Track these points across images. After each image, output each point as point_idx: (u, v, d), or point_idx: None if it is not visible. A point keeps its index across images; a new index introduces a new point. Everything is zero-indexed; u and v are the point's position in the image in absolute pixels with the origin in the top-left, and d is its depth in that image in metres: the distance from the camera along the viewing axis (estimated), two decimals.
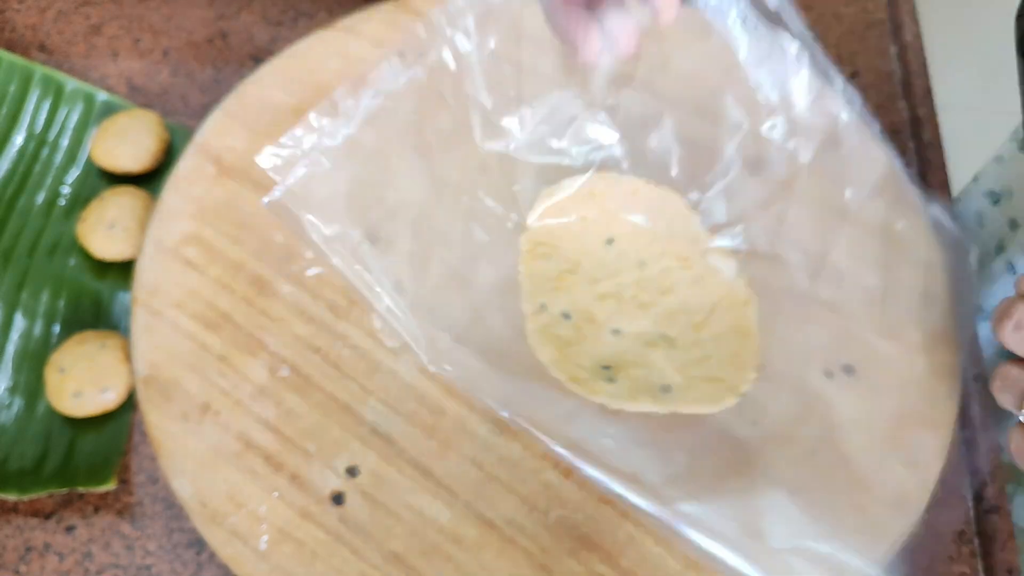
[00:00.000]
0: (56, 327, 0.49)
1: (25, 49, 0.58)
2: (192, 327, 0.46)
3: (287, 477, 0.42)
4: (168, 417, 0.44)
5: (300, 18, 0.59)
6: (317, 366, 0.45)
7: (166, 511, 0.45)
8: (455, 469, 0.43)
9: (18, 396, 0.47)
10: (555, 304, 0.46)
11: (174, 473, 0.42)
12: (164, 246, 0.48)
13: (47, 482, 0.44)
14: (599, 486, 0.38)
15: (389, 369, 0.45)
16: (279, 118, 0.52)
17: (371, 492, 0.42)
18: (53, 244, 0.51)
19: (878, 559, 0.42)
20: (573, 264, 0.47)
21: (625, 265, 0.48)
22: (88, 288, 0.50)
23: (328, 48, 0.54)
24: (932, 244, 0.50)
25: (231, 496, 0.42)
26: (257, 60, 0.57)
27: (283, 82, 0.53)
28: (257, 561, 0.41)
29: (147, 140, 0.52)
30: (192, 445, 0.43)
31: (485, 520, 0.42)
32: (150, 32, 0.58)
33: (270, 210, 0.42)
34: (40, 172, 0.53)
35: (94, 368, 0.46)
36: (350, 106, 0.44)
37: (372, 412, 0.44)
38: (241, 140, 0.51)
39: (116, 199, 0.50)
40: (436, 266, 0.45)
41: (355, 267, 0.42)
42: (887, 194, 0.49)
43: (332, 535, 0.41)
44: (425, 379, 0.45)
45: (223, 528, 0.41)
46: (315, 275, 0.47)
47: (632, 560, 0.41)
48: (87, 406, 0.45)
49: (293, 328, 0.46)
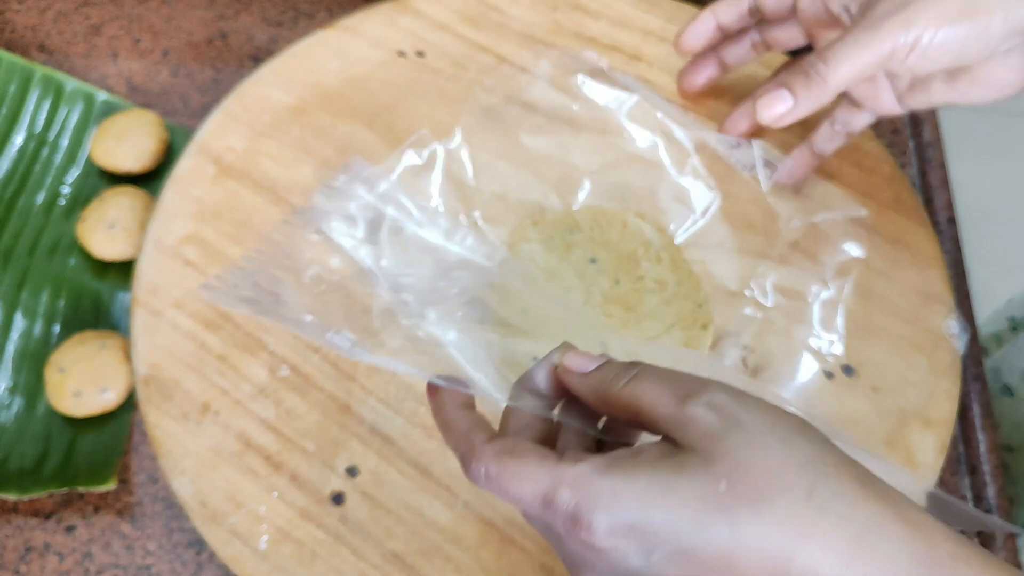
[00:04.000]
0: (56, 327, 0.49)
1: (25, 49, 0.58)
2: (192, 327, 0.46)
3: (287, 477, 0.42)
4: (168, 417, 0.44)
5: (300, 18, 0.59)
6: (317, 366, 0.45)
7: (166, 511, 0.45)
8: (455, 469, 0.43)
9: (18, 396, 0.47)
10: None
11: (174, 473, 0.42)
12: (164, 246, 0.48)
13: (47, 482, 0.44)
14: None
15: (389, 369, 0.45)
16: (279, 118, 0.52)
17: (371, 492, 0.42)
18: (53, 244, 0.51)
19: None
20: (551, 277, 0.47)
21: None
22: (88, 288, 0.50)
23: (328, 48, 0.54)
24: (931, 239, 0.50)
25: (231, 496, 0.42)
26: (257, 60, 0.57)
27: (283, 82, 0.53)
28: (257, 561, 0.41)
29: (147, 140, 0.52)
30: (192, 445, 0.43)
31: (485, 520, 0.42)
32: (150, 32, 0.58)
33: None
34: (40, 172, 0.53)
35: (94, 368, 0.46)
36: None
37: (372, 412, 0.44)
38: (241, 140, 0.51)
39: (116, 199, 0.50)
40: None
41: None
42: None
43: (332, 535, 0.41)
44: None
45: (223, 528, 0.41)
46: (315, 275, 0.47)
47: None
48: (87, 406, 0.45)
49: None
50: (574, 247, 0.48)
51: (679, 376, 0.29)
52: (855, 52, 0.38)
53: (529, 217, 0.49)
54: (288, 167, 0.50)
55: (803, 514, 0.25)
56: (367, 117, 0.52)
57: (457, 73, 0.54)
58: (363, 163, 0.47)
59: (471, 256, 0.45)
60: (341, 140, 0.51)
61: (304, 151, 0.51)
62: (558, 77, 0.53)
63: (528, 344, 0.42)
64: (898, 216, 0.50)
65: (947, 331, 0.47)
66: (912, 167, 0.56)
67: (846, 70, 0.39)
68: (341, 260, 0.47)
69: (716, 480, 0.26)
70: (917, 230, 0.50)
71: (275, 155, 0.51)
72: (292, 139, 0.51)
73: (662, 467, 0.27)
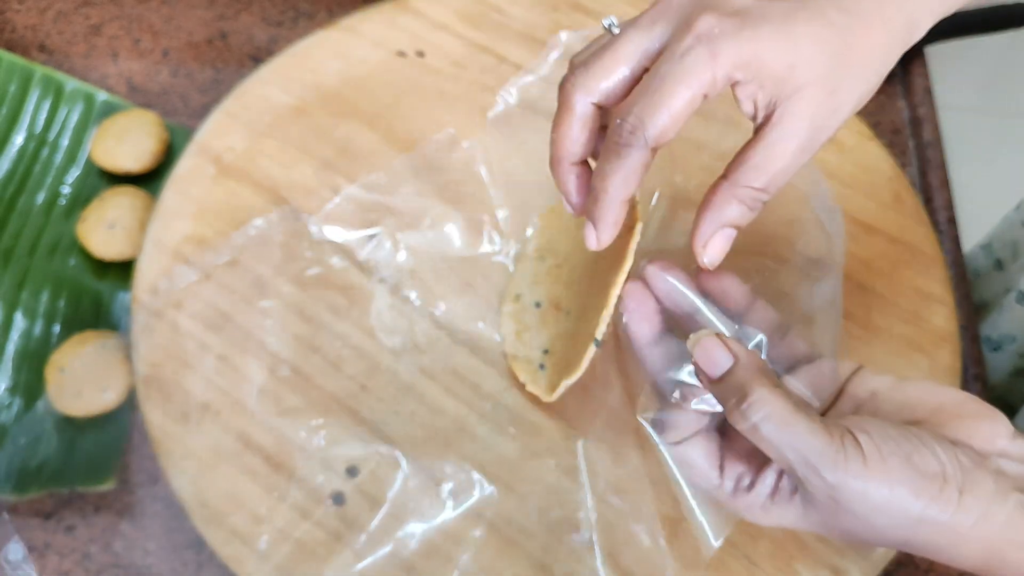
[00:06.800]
0: (56, 327, 0.49)
1: (25, 49, 0.58)
2: (192, 327, 0.46)
3: (287, 477, 0.42)
4: (168, 417, 0.44)
5: (300, 18, 0.59)
6: (317, 366, 0.45)
7: (166, 511, 0.45)
8: (455, 469, 0.43)
9: (18, 396, 0.47)
10: (530, 295, 0.46)
11: (174, 473, 0.42)
12: (164, 246, 0.48)
13: (47, 482, 0.44)
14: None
15: (389, 369, 0.45)
16: (279, 118, 0.52)
17: (371, 492, 0.42)
18: (53, 244, 0.51)
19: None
20: (563, 258, 0.47)
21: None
22: (88, 288, 0.50)
23: (328, 48, 0.54)
24: (931, 239, 0.50)
25: (231, 496, 0.42)
26: (257, 60, 0.57)
27: (283, 82, 0.53)
28: (257, 561, 0.41)
29: (147, 140, 0.52)
30: (192, 445, 0.43)
31: (485, 520, 0.42)
32: (150, 32, 0.58)
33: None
34: (40, 172, 0.53)
35: (94, 368, 0.45)
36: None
37: (372, 412, 0.44)
38: (241, 140, 0.51)
39: (116, 199, 0.50)
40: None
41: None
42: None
43: (332, 535, 0.41)
44: (425, 379, 0.45)
45: (223, 528, 0.41)
46: (315, 275, 0.47)
47: (632, 560, 0.41)
48: (87, 406, 0.45)
49: (293, 328, 0.46)
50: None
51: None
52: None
53: (548, 206, 0.49)
54: (288, 167, 0.50)
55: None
56: (367, 117, 0.52)
57: (457, 73, 0.54)
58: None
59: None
60: (341, 140, 0.51)
61: (304, 151, 0.51)
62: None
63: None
64: (898, 216, 0.50)
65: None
66: (912, 167, 0.56)
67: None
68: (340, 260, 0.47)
69: None
70: (917, 230, 0.50)
71: (275, 155, 0.51)
72: (292, 139, 0.51)
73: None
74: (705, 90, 0.30)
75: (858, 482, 0.28)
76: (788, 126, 0.31)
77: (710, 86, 0.30)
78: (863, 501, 0.28)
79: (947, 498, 0.28)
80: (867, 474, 0.28)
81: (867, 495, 0.28)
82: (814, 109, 0.31)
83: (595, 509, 0.42)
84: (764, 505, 0.32)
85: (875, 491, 0.28)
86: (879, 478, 0.28)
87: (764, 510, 0.32)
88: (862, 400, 0.34)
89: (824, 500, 0.29)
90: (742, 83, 0.30)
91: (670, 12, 0.31)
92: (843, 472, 0.28)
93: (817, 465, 0.28)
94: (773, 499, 0.32)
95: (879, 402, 0.33)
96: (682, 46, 0.30)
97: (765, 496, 0.32)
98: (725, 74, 0.30)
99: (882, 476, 0.28)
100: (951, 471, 0.28)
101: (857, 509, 0.29)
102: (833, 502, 0.29)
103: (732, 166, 0.32)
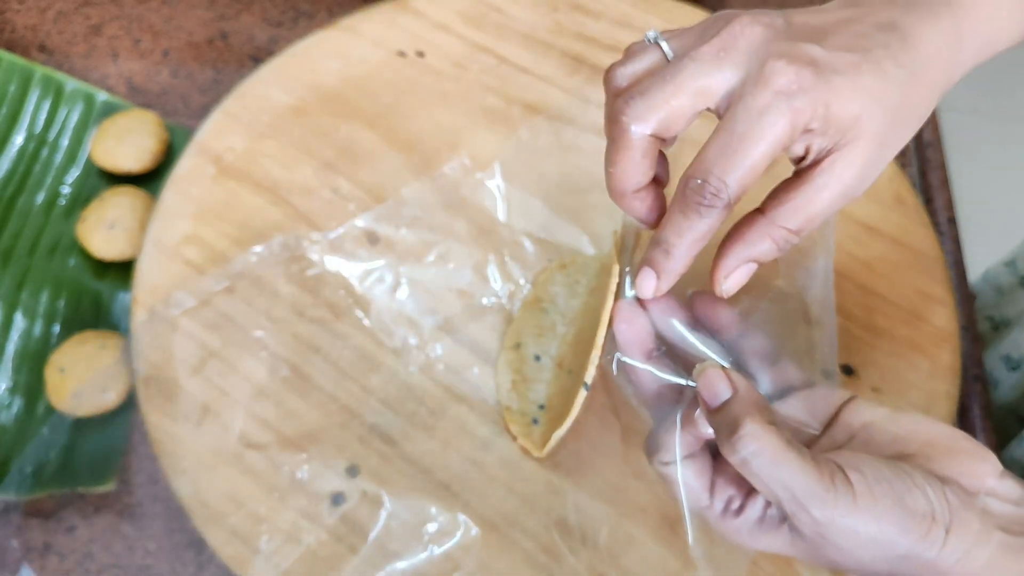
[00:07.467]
0: (56, 327, 0.49)
1: (25, 49, 0.58)
2: (192, 327, 0.46)
3: (287, 477, 0.42)
4: (168, 417, 0.44)
5: (300, 18, 0.59)
6: (317, 366, 0.45)
7: (166, 511, 0.45)
8: (455, 469, 0.43)
9: (18, 396, 0.47)
10: (532, 346, 0.46)
11: (174, 473, 0.42)
12: (164, 246, 0.48)
13: (47, 482, 0.44)
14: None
15: (389, 369, 0.45)
16: (279, 118, 0.52)
17: (371, 492, 0.42)
18: (53, 244, 0.51)
19: None
20: (571, 319, 0.46)
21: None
22: (88, 288, 0.50)
23: (328, 48, 0.54)
24: (931, 239, 0.50)
25: (231, 496, 0.42)
26: (257, 60, 0.57)
27: (283, 82, 0.53)
28: (257, 561, 0.41)
29: (147, 140, 0.52)
30: (192, 445, 0.43)
31: (485, 520, 0.42)
32: (150, 33, 0.58)
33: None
34: (40, 172, 0.53)
35: (94, 368, 0.45)
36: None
37: (372, 412, 0.44)
38: (241, 140, 0.51)
39: (116, 199, 0.50)
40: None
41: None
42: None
43: (332, 535, 0.41)
44: (425, 379, 0.45)
45: (223, 528, 0.41)
46: (315, 275, 0.47)
47: (632, 560, 0.41)
48: (87, 406, 0.45)
49: (293, 328, 0.46)
50: (598, 292, 0.47)
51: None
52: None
53: (558, 260, 0.48)
54: (288, 167, 0.50)
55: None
56: (368, 117, 0.52)
57: (457, 73, 0.54)
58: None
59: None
60: (342, 140, 0.51)
61: (304, 151, 0.51)
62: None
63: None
64: (898, 216, 0.50)
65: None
66: (912, 167, 0.56)
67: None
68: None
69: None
70: (917, 230, 0.50)
71: (275, 155, 0.51)
72: (292, 139, 0.51)
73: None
74: (784, 145, 0.30)
75: (846, 519, 0.28)
76: (838, 173, 0.31)
77: (788, 140, 0.30)
78: (850, 537, 0.29)
79: (934, 538, 0.28)
80: (856, 512, 0.28)
81: (855, 531, 0.29)
82: (864, 159, 0.31)
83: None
84: (752, 530, 0.32)
85: (863, 528, 0.28)
86: (868, 516, 0.28)
87: (752, 535, 0.32)
88: (856, 430, 0.34)
89: (811, 534, 0.29)
90: (810, 132, 0.31)
91: (737, 53, 0.31)
92: (831, 509, 0.28)
93: (805, 502, 0.29)
94: (761, 525, 0.32)
95: (872, 432, 0.33)
96: (759, 103, 0.30)
97: (754, 521, 0.32)
98: (802, 127, 0.30)
99: (871, 515, 0.28)
100: (939, 511, 0.29)
101: (843, 544, 0.29)
102: (820, 537, 0.29)
103: (771, 204, 0.32)
